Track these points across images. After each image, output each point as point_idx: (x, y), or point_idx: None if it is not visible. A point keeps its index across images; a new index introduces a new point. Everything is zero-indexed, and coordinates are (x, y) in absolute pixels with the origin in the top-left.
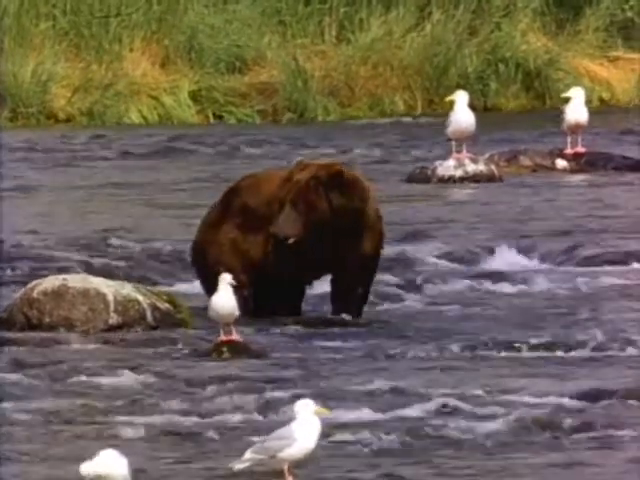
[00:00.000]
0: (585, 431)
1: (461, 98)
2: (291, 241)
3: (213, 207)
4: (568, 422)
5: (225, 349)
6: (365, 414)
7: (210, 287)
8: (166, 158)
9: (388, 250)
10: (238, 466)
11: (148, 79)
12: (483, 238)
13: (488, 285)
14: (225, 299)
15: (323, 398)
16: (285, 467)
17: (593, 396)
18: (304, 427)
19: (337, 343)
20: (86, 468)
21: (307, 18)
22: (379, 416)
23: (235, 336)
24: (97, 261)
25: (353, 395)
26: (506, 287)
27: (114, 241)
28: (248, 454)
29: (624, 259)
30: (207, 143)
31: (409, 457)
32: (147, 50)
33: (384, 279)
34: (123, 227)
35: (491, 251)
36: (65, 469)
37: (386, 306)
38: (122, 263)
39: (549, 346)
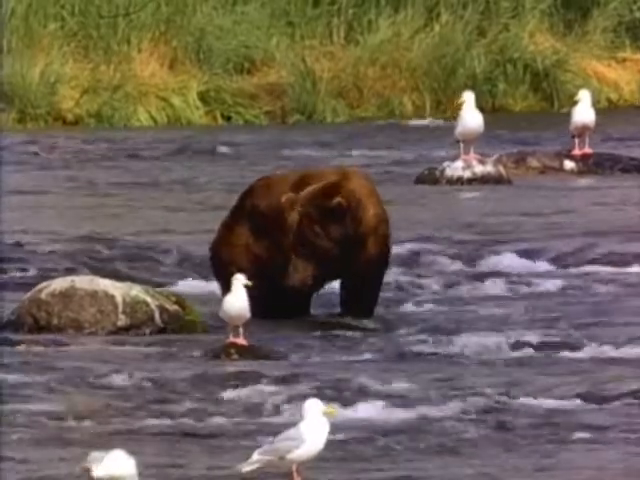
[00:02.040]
0: (588, 431)
1: (469, 99)
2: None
3: (232, 208)
4: (570, 422)
5: (233, 351)
6: (373, 415)
7: (225, 287)
8: (174, 159)
9: (397, 251)
10: (246, 468)
11: (156, 80)
12: (491, 239)
13: (495, 286)
14: (237, 300)
15: (331, 399)
16: (294, 468)
17: (596, 396)
18: (313, 428)
19: (345, 344)
20: (97, 471)
21: (316, 19)
22: (386, 417)
23: (242, 340)
24: (105, 262)
25: (361, 396)
26: (513, 288)
27: (122, 242)
28: (256, 456)
29: (632, 260)
30: (215, 144)
31: (416, 457)
32: (155, 51)
33: (393, 280)
34: (132, 228)
35: (499, 252)
36: (73, 469)
37: (395, 307)
38: (130, 264)
39: (555, 346)
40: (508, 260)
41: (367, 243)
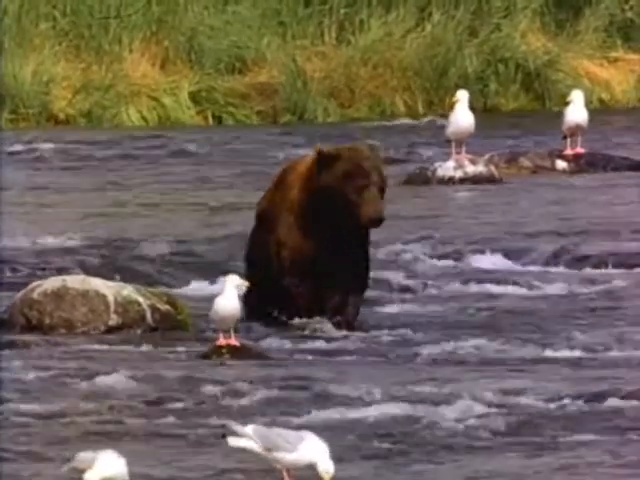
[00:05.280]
0: (585, 431)
1: (463, 98)
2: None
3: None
4: (569, 423)
5: (225, 351)
6: (364, 416)
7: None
8: (166, 159)
9: (387, 251)
10: (233, 442)
11: (148, 80)
12: (483, 239)
13: (487, 286)
14: (228, 302)
15: (322, 400)
16: (284, 470)
17: (592, 397)
18: (312, 444)
19: (338, 345)
20: (89, 474)
21: (307, 19)
22: (378, 418)
23: (233, 340)
24: (97, 262)
25: (352, 397)
26: (505, 288)
27: (114, 242)
28: (250, 429)
29: (624, 260)
30: (207, 144)
31: (410, 458)
32: (147, 51)
33: (383, 280)
34: (123, 228)
35: (491, 252)
36: (63, 468)
37: (385, 307)
38: (123, 264)
39: (548, 347)
40: (500, 260)
41: None
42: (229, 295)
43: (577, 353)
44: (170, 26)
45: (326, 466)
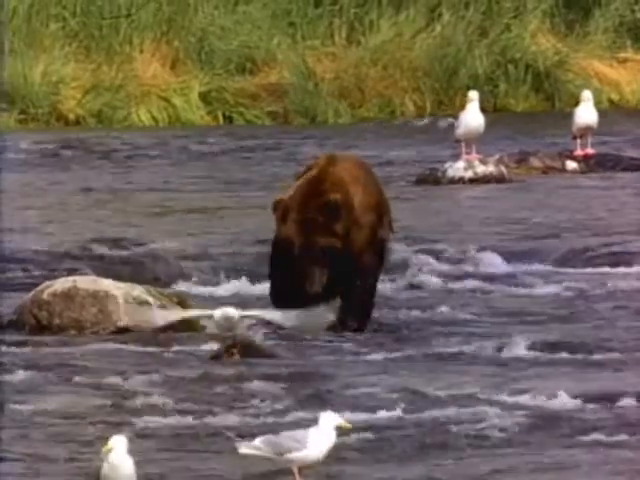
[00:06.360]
0: (585, 433)
1: (475, 98)
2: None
3: None
4: (569, 423)
5: (235, 351)
6: (370, 415)
7: None
8: (176, 159)
9: (397, 250)
10: (244, 450)
11: (158, 80)
12: (493, 239)
13: (496, 286)
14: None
15: (332, 399)
16: (295, 469)
17: (594, 397)
18: (319, 437)
19: (347, 344)
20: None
21: (317, 20)
22: (383, 417)
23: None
24: (107, 263)
25: (359, 396)
26: (514, 288)
27: (124, 243)
28: (258, 442)
29: (632, 260)
30: (217, 144)
31: (411, 458)
32: (157, 51)
33: (393, 280)
34: (133, 229)
35: (500, 252)
36: (72, 469)
37: (396, 307)
38: (132, 265)
39: (553, 347)
40: (509, 260)
41: (352, 234)
42: None
43: (586, 352)
44: (180, 26)
45: (342, 422)
